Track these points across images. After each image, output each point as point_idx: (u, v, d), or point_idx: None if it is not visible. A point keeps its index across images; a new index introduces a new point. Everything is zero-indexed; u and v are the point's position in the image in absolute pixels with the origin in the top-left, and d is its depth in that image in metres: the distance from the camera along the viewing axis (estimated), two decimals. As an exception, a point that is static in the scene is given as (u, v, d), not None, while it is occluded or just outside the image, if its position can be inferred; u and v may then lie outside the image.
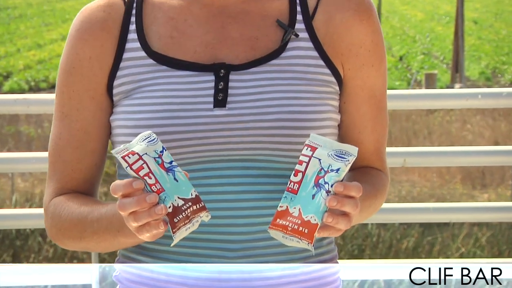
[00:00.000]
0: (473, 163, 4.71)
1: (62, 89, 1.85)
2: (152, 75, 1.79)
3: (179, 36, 1.82)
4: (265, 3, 1.84)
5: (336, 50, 1.83)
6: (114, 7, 1.85)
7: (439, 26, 52.34)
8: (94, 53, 1.83)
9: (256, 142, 1.75)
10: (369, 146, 1.88)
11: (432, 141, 20.81)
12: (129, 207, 1.55)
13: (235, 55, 1.80)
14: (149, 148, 1.60)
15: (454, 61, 31.77)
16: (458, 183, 17.13)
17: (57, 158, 1.86)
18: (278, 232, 1.59)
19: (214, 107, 1.76)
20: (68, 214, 1.79)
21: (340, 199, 1.57)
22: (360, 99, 1.85)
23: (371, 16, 1.85)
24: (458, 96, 4.60)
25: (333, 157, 1.60)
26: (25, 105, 4.10)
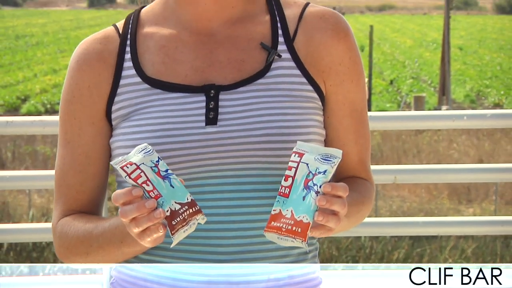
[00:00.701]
0: (459, 179, 4.70)
1: (64, 117, 1.85)
2: (147, 98, 1.80)
3: (171, 62, 1.82)
4: (249, 28, 1.84)
5: (317, 68, 1.83)
6: (109, 39, 1.86)
7: (427, 52, 52.43)
8: (92, 82, 1.83)
9: (246, 156, 1.75)
10: (353, 157, 1.88)
11: (421, 159, 20.79)
12: (130, 214, 1.56)
13: (224, 76, 1.80)
14: (145, 158, 1.61)
15: (441, 84, 31.80)
16: (445, 198, 17.11)
17: (62, 182, 1.86)
18: (273, 234, 1.59)
19: (206, 125, 1.76)
20: (74, 232, 1.80)
21: (329, 199, 1.58)
22: (342, 113, 1.85)
23: (347, 35, 1.85)
24: (445, 117, 4.60)
25: (320, 160, 1.61)
26: (41, 126, 4.10)
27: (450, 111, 6.53)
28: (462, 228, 4.76)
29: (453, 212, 16.04)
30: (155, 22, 1.87)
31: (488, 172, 4.71)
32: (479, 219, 5.06)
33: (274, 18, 1.85)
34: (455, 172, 4.56)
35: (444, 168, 4.49)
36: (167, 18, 1.86)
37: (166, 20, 1.86)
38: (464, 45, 57.54)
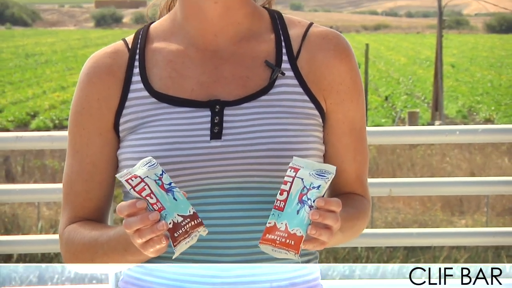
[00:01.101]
0: (452, 192, 4.70)
1: (74, 128, 1.85)
2: (154, 112, 1.79)
3: (178, 76, 1.81)
4: (254, 46, 1.84)
5: (319, 87, 1.82)
6: (119, 54, 1.85)
7: (421, 70, 52.49)
8: (101, 95, 1.83)
9: (249, 170, 1.74)
10: (351, 174, 1.87)
11: (415, 172, 20.80)
12: (134, 225, 1.56)
13: (228, 92, 1.79)
14: (150, 171, 1.60)
15: (434, 100, 31.83)
16: (438, 210, 17.10)
17: (69, 190, 1.85)
18: (267, 246, 1.59)
19: (210, 139, 1.75)
20: (80, 239, 1.79)
21: (322, 213, 1.57)
22: (341, 131, 1.84)
23: (348, 55, 1.85)
24: (438, 132, 4.60)
25: (314, 176, 1.61)
26: (49, 141, 4.10)
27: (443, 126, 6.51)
28: (454, 239, 4.76)
29: (446, 223, 16.03)
30: (164, 37, 1.86)
31: (480, 185, 4.71)
32: (471, 230, 5.05)
33: (279, 37, 1.85)
34: (448, 185, 4.55)
35: (437, 181, 4.49)
36: (175, 34, 1.85)
37: (174, 36, 1.85)
38: (456, 62, 57.61)
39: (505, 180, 4.54)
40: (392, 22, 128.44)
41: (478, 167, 21.57)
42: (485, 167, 21.54)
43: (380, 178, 4.42)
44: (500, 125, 5.15)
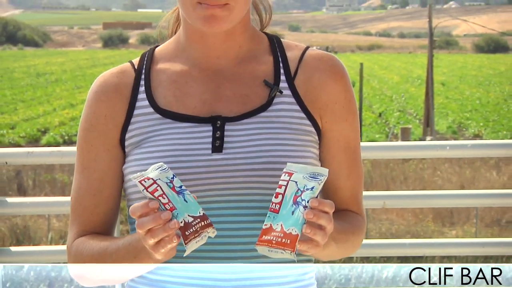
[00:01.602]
0: (443, 204, 4.69)
1: (82, 144, 1.85)
2: (158, 127, 1.80)
3: (181, 95, 1.82)
4: (253, 67, 1.85)
5: (315, 105, 1.83)
6: (125, 74, 1.87)
7: (413, 88, 52.57)
8: (108, 112, 1.83)
9: (248, 182, 1.75)
10: (346, 192, 1.87)
11: (407, 185, 20.80)
12: (147, 224, 1.56)
13: (229, 109, 1.80)
14: (161, 174, 1.61)
15: (425, 117, 31.86)
16: (430, 221, 17.09)
17: (78, 205, 1.85)
18: (264, 247, 1.58)
19: (212, 152, 1.76)
20: (89, 251, 1.79)
21: (316, 213, 1.57)
22: (336, 149, 1.85)
23: (343, 76, 1.86)
24: (429, 147, 4.59)
25: (308, 178, 1.61)
26: (59, 156, 4.10)
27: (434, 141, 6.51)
28: (445, 249, 4.75)
29: (437, 234, 16.02)
30: (168, 59, 1.87)
31: (469, 198, 4.71)
32: (461, 241, 5.04)
33: (277, 59, 1.86)
34: (439, 197, 4.55)
35: (428, 193, 4.48)
36: (178, 56, 1.87)
37: (177, 57, 1.87)
38: (446, 81, 57.69)
39: (493, 193, 4.54)
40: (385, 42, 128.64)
41: (468, 180, 21.57)
42: (474, 181, 21.54)
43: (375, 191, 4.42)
44: (488, 141, 5.15)
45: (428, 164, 23.10)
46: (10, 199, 4.22)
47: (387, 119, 38.11)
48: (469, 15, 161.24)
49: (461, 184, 20.79)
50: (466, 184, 20.92)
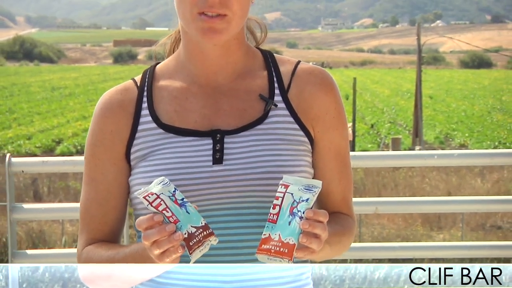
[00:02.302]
0: (431, 210, 4.69)
1: (89, 158, 1.85)
2: (161, 142, 1.79)
3: (182, 110, 1.82)
4: (249, 82, 1.85)
5: (307, 116, 1.83)
6: (129, 91, 1.86)
7: (402, 101, 52.57)
8: (114, 127, 1.83)
9: (247, 191, 1.74)
10: (337, 196, 1.87)
11: (398, 192, 20.78)
12: (152, 237, 1.56)
13: (228, 123, 1.80)
14: (164, 189, 1.61)
15: (414, 128, 31.87)
16: (419, 225, 17.07)
17: (86, 215, 1.85)
18: (263, 255, 1.59)
19: (213, 164, 1.76)
20: (98, 258, 1.79)
21: (311, 223, 1.58)
22: (327, 157, 1.85)
23: (332, 89, 1.86)
24: (418, 156, 4.59)
25: (303, 190, 1.61)
26: (72, 165, 4.11)
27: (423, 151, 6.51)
28: (433, 252, 4.75)
29: (425, 237, 16.00)
30: (169, 76, 1.87)
31: (456, 204, 4.70)
32: (448, 244, 5.04)
33: (271, 73, 1.86)
34: (427, 203, 4.54)
35: (417, 200, 4.48)
36: (178, 72, 1.86)
37: (177, 74, 1.86)
38: (433, 94, 57.71)
39: (478, 199, 4.54)
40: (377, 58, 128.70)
41: (454, 187, 21.57)
42: (460, 188, 21.53)
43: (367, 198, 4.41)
44: (473, 150, 5.15)
45: (417, 172, 23.10)
46: (26, 205, 4.22)
47: (379, 130, 38.10)
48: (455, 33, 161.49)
49: (448, 191, 20.78)
50: (453, 191, 20.91)
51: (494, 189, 21.23)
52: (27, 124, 39.48)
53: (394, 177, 22.63)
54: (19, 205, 4.12)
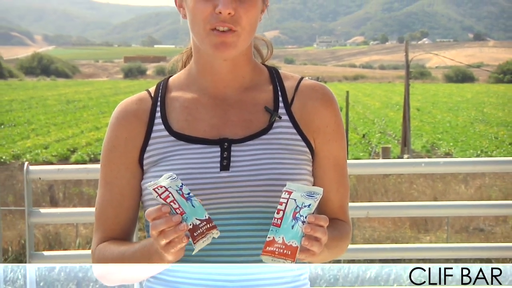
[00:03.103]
0: (418, 214, 4.69)
1: (105, 163, 1.85)
2: (173, 149, 1.80)
3: (193, 120, 1.83)
4: (255, 95, 1.85)
5: (309, 129, 1.83)
6: (143, 101, 1.87)
7: (392, 112, 52.60)
8: (129, 135, 1.83)
9: (252, 196, 1.74)
10: (335, 203, 1.87)
11: (388, 197, 20.78)
12: (160, 226, 1.56)
13: (235, 132, 1.81)
14: (172, 183, 1.61)
15: (403, 138, 31.87)
16: (407, 228, 17.06)
17: (101, 215, 1.85)
18: (268, 256, 1.59)
19: (220, 170, 1.76)
20: (110, 254, 1.79)
21: (312, 227, 1.58)
22: (326, 166, 1.85)
23: (332, 104, 1.86)
24: (407, 164, 4.59)
25: (305, 196, 1.61)
26: (85, 172, 4.11)
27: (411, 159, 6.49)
28: (420, 253, 4.74)
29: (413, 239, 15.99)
30: (180, 88, 1.87)
31: (441, 208, 4.70)
32: (434, 246, 5.03)
33: (276, 88, 1.86)
34: (415, 208, 4.54)
35: (406, 204, 4.48)
36: (190, 85, 1.87)
37: (189, 87, 1.87)
38: (421, 106, 57.73)
39: (462, 204, 4.55)
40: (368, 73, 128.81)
41: (440, 192, 21.56)
42: (446, 193, 21.53)
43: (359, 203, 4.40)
44: (458, 158, 5.15)
45: (406, 179, 23.10)
46: (43, 209, 4.21)
47: (370, 140, 38.09)
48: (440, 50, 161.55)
49: (434, 196, 20.78)
50: (439, 196, 20.92)
51: (477, 195, 21.24)
52: (44, 135, 39.48)
53: (384, 183, 22.63)
54: (36, 210, 4.12)
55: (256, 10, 1.76)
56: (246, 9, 1.73)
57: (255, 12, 1.76)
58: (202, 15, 1.73)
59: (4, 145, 35.35)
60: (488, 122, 46.97)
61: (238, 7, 1.72)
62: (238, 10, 1.72)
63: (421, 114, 52.03)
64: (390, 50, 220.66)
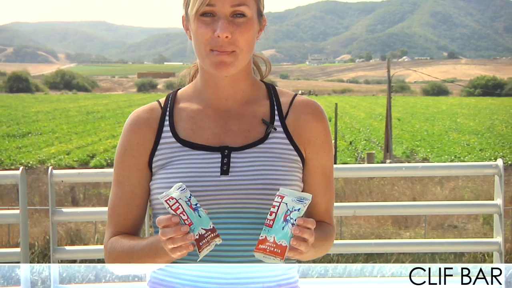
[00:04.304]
0: (399, 212, 4.68)
1: (118, 164, 1.85)
2: (179, 154, 1.79)
3: (197, 129, 1.82)
4: (254, 108, 1.85)
5: (301, 140, 1.83)
6: (154, 110, 1.87)
7: (375, 122, 52.63)
8: (140, 140, 1.83)
9: (249, 198, 1.74)
10: (321, 207, 1.87)
11: (372, 197, 20.78)
12: (169, 234, 1.57)
13: (234, 141, 1.80)
14: (181, 194, 1.61)
15: (385, 145, 31.90)
16: (389, 225, 17.05)
17: (113, 211, 1.84)
18: (260, 253, 1.59)
19: (220, 175, 1.75)
20: (121, 247, 1.79)
21: (301, 229, 1.58)
22: (315, 174, 1.85)
23: (322, 118, 1.86)
24: (389, 168, 4.60)
25: (296, 201, 1.61)
26: (103, 176, 4.10)
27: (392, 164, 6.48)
28: (401, 247, 4.73)
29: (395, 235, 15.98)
30: (187, 100, 1.87)
31: (419, 207, 4.70)
32: (414, 241, 5.02)
33: (272, 102, 1.86)
34: (396, 207, 4.54)
35: (388, 204, 4.47)
36: (195, 97, 1.86)
37: (195, 99, 1.86)
38: (401, 117, 57.77)
39: (437, 203, 4.54)
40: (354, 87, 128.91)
41: (418, 193, 21.58)
42: (423, 194, 21.55)
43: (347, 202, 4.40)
44: (434, 163, 5.16)
45: (388, 181, 23.11)
46: (65, 209, 4.21)
47: (356, 146, 38.11)
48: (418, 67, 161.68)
49: (413, 197, 20.80)
50: (417, 196, 20.93)
51: (451, 195, 21.27)
52: (66, 142, 39.49)
53: (369, 185, 22.64)
54: (59, 209, 4.11)
55: (252, 32, 1.75)
56: (242, 32, 1.72)
57: (251, 34, 1.75)
58: (203, 38, 1.73)
59: (31, 152, 35.36)
60: (461, 131, 47.03)
61: (235, 31, 1.72)
62: (234, 33, 1.72)
63: (401, 124, 52.06)
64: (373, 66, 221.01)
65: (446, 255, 10.49)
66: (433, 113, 62.91)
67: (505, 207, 5.43)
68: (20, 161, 32.19)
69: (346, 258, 10.35)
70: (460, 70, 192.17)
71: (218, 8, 1.71)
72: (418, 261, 10.24)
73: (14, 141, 40.11)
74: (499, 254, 4.02)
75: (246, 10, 1.73)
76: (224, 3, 1.71)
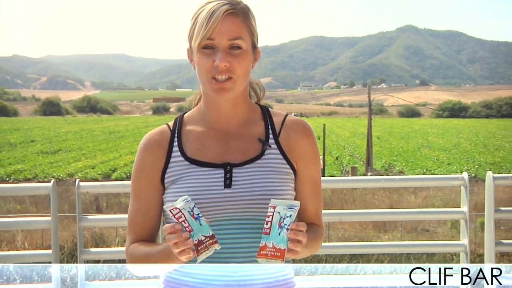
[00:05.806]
0: (379, 218, 4.68)
1: (134, 181, 1.84)
2: (187, 171, 1.79)
3: (203, 148, 1.82)
4: (251, 129, 1.84)
5: (292, 155, 1.82)
6: (164, 133, 1.86)
7: (358, 140, 52.64)
8: (153, 159, 1.82)
9: (249, 208, 1.74)
10: (312, 212, 1.87)
11: (355, 205, 20.75)
12: (173, 239, 1.57)
13: (235, 158, 1.80)
14: (185, 205, 1.60)
15: (367, 159, 31.89)
16: (370, 229, 17.02)
17: (132, 221, 1.84)
18: (262, 258, 1.59)
19: (224, 188, 1.75)
20: (139, 253, 1.79)
21: (295, 232, 1.59)
22: (305, 183, 1.84)
23: (311, 135, 1.86)
24: (370, 180, 4.59)
25: (287, 209, 1.61)
26: (123, 187, 4.10)
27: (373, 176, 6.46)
28: (381, 249, 4.72)
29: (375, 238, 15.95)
30: (193, 122, 1.87)
31: (396, 214, 4.70)
32: (391, 243, 5.02)
33: (267, 123, 1.86)
34: (376, 213, 4.54)
35: (369, 211, 4.46)
36: (200, 120, 1.86)
37: (199, 121, 1.86)
38: (380, 136, 57.80)
39: (412, 211, 4.54)
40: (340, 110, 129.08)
41: (395, 202, 21.56)
42: (400, 202, 21.53)
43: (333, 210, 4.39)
44: (409, 176, 5.15)
45: (369, 191, 23.09)
46: (90, 216, 4.20)
47: (342, 161, 38.10)
48: (395, 92, 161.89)
49: (390, 204, 20.78)
50: (394, 204, 20.92)
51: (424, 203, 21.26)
52: (91, 158, 39.47)
53: (352, 194, 22.62)
54: (85, 216, 4.10)
55: (248, 61, 1.76)
56: (239, 62, 1.73)
57: (247, 63, 1.75)
58: (204, 68, 1.73)
59: (61, 166, 35.34)
60: (432, 147, 47.06)
61: (233, 60, 1.72)
62: (232, 63, 1.72)
63: (380, 142, 52.09)
64: (356, 92, 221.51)
65: (419, 255, 10.46)
66: (407, 132, 62.98)
67: (470, 214, 5.46)
68: (52, 174, 32.17)
69: (333, 258, 10.32)
70: (430, 96, 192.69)
71: (217, 41, 1.72)
72: (395, 261, 10.21)
73: (47, 157, 40.11)
74: (465, 255, 4.01)
75: (241, 43, 1.73)
76: (222, 38, 1.72)
